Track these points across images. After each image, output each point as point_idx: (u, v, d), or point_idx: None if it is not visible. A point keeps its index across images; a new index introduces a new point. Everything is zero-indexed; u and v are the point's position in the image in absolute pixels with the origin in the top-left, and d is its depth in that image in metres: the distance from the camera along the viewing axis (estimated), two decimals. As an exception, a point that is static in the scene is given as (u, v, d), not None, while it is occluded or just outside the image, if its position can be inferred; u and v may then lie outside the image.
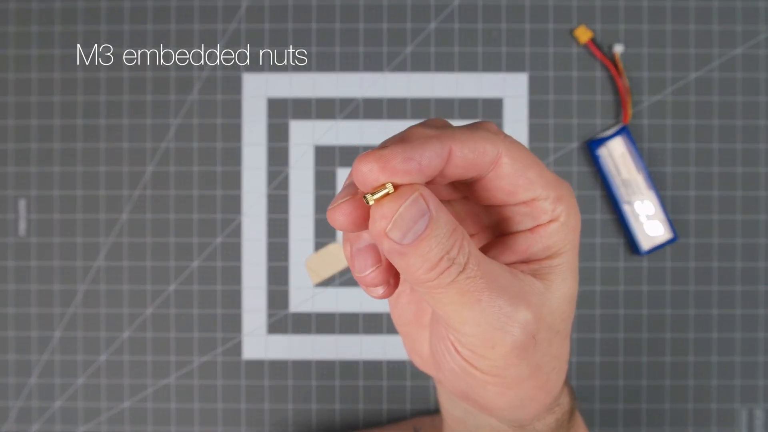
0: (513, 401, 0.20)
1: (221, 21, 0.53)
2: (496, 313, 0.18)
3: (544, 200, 0.20)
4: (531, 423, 0.23)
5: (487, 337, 0.18)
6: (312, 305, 0.53)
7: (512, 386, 0.20)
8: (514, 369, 0.19)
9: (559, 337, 0.20)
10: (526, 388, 0.20)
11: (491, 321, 0.18)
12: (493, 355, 0.19)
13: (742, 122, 0.53)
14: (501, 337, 0.18)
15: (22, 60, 0.53)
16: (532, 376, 0.20)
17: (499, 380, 0.20)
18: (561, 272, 0.20)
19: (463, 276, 0.18)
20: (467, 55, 0.53)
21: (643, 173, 0.51)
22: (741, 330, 0.53)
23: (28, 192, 0.53)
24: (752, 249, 0.53)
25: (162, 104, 0.53)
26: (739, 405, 0.53)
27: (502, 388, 0.20)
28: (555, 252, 0.20)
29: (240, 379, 0.53)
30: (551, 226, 0.20)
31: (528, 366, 0.19)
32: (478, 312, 0.18)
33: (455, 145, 0.18)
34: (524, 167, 0.19)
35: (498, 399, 0.20)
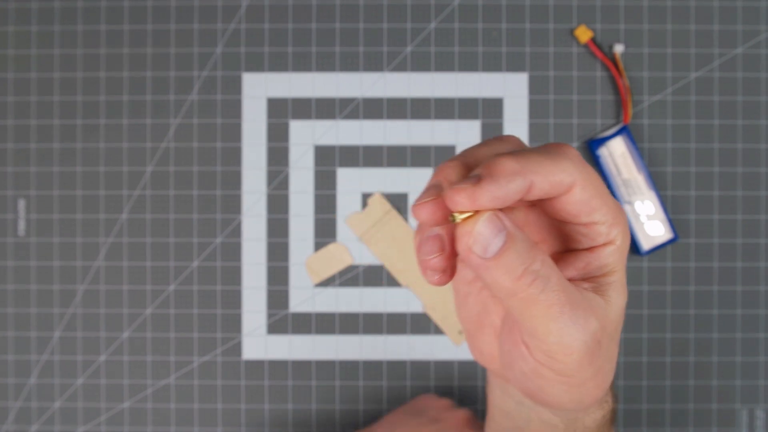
0: (575, 397, 0.23)
1: (221, 21, 0.53)
2: (575, 324, 0.21)
3: (602, 224, 0.22)
4: (582, 417, 0.26)
5: (567, 345, 0.21)
6: (312, 305, 0.53)
7: (578, 385, 0.23)
8: (583, 371, 0.22)
9: (613, 343, 0.23)
10: (587, 386, 0.23)
11: (572, 332, 0.21)
12: (569, 360, 0.21)
13: (743, 122, 0.53)
14: (578, 345, 0.21)
15: (21, 60, 0.53)
16: (595, 377, 0.23)
17: (568, 380, 0.22)
18: (616, 288, 0.23)
19: (549, 289, 0.20)
20: (467, 54, 0.53)
21: (643, 173, 0.51)
22: (741, 330, 0.53)
23: (27, 192, 0.53)
24: (753, 249, 0.53)
25: (162, 104, 0.53)
26: (739, 405, 0.52)
27: (570, 386, 0.23)
28: (609, 271, 0.23)
29: (240, 380, 0.53)
30: (607, 249, 0.22)
31: (593, 368, 0.22)
32: (561, 324, 0.21)
33: (536, 179, 0.20)
34: (591, 196, 0.22)
35: (564, 396, 0.23)
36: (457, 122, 0.53)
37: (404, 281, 0.53)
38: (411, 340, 0.53)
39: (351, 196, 0.53)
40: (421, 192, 0.22)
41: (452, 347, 0.53)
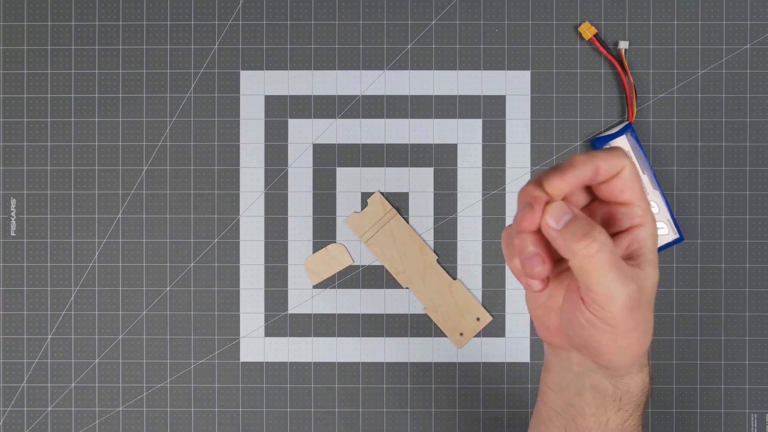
0: (620, 347, 0.30)
1: (218, 17, 0.53)
2: (619, 281, 0.28)
3: (637, 206, 0.30)
4: (626, 375, 0.32)
5: (612, 296, 0.28)
6: (311, 307, 0.53)
7: (622, 335, 0.29)
8: (625, 321, 0.29)
9: (650, 309, 0.31)
10: (629, 338, 0.30)
11: (616, 286, 0.28)
12: (613, 309, 0.28)
13: (751, 120, 0.52)
14: (620, 297, 0.28)
15: (13, 55, 0.53)
16: (634, 330, 0.30)
17: (614, 329, 0.29)
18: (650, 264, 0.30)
19: (603, 250, 0.28)
20: (469, 52, 0.53)
21: (648, 172, 0.51)
22: (749, 333, 0.52)
23: (19, 191, 0.53)
24: (761, 249, 0.52)
25: (158, 101, 0.53)
26: (749, 410, 0.52)
27: (615, 336, 0.29)
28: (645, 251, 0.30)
29: (238, 382, 0.52)
30: (642, 230, 0.30)
31: (633, 321, 0.29)
32: (609, 279, 0.28)
33: (600, 163, 0.29)
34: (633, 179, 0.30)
35: (611, 344, 0.30)
36: (458, 121, 0.53)
37: (404, 282, 0.52)
38: (411, 341, 0.52)
39: (350, 196, 0.53)
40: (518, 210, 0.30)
41: (453, 349, 0.52)
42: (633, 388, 0.33)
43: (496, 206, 0.53)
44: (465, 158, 0.53)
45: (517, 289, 0.52)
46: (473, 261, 0.52)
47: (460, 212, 0.53)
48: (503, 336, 0.52)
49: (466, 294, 0.52)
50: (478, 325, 0.52)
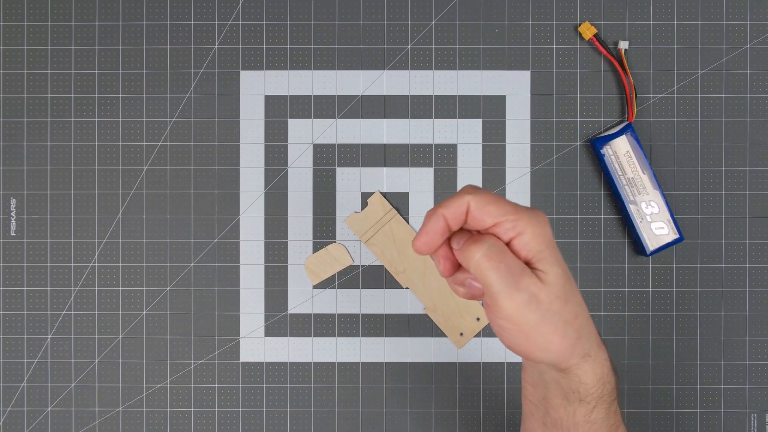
0: (537, 343, 0.32)
1: (218, 17, 0.53)
2: (508, 275, 0.31)
3: (504, 222, 0.32)
4: (569, 367, 0.33)
5: (503, 291, 0.31)
6: (311, 307, 0.53)
7: (529, 332, 0.32)
8: (524, 317, 0.31)
9: (560, 301, 0.32)
10: (541, 332, 0.32)
11: (504, 282, 0.31)
12: (507, 305, 0.31)
13: (750, 120, 0.52)
14: (510, 293, 0.31)
15: (13, 56, 0.53)
16: (542, 324, 0.32)
17: (518, 327, 0.32)
18: (547, 262, 0.32)
19: (491, 251, 0.31)
20: (469, 52, 0.53)
21: (648, 172, 0.51)
22: (749, 333, 0.52)
23: (19, 191, 0.53)
24: (761, 249, 0.52)
25: (158, 101, 0.53)
26: (749, 410, 0.52)
27: (523, 333, 0.32)
28: (534, 252, 0.32)
29: (238, 382, 0.52)
30: (521, 238, 0.32)
31: (535, 316, 0.31)
32: (497, 275, 0.31)
33: (445, 211, 0.32)
34: (484, 205, 0.32)
35: (526, 342, 0.32)
36: (458, 121, 0.53)
37: (404, 282, 0.52)
38: (411, 341, 0.52)
39: (350, 196, 0.53)
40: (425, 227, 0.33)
41: (453, 349, 0.52)
42: (585, 379, 0.34)
43: (496, 206, 0.53)
44: (465, 158, 0.53)
45: (517, 289, 0.53)
46: (473, 261, 0.52)
47: (460, 212, 0.53)
48: (503, 336, 0.53)
49: (466, 294, 0.52)
50: (478, 325, 0.52)
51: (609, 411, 0.35)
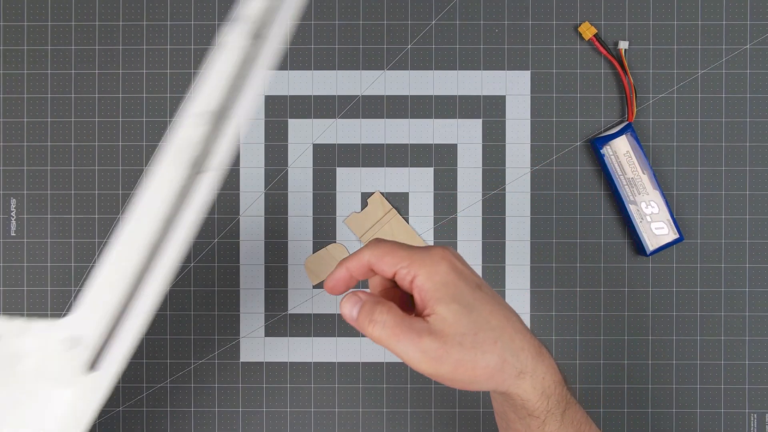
0: (464, 380, 0.33)
1: (218, 17, 0.53)
2: (411, 343, 0.32)
3: (402, 268, 0.33)
4: (507, 389, 0.34)
5: (412, 358, 0.32)
6: (311, 307, 0.53)
7: (452, 373, 0.32)
8: (441, 368, 0.32)
9: (468, 337, 0.33)
10: (464, 370, 0.32)
11: (410, 348, 0.32)
12: (422, 367, 0.32)
13: (750, 120, 0.52)
14: (419, 356, 0.32)
15: (12, 56, 0.53)
16: (459, 365, 0.32)
17: (440, 376, 0.32)
18: (439, 302, 0.33)
19: (387, 326, 0.32)
20: (469, 52, 0.53)
21: (648, 172, 0.51)
22: (749, 333, 0.52)
23: (19, 191, 0.53)
24: (760, 249, 0.52)
25: (158, 101, 0.53)
26: (748, 410, 0.52)
27: (449, 375, 0.32)
28: (429, 293, 0.33)
29: (238, 382, 0.52)
30: (417, 280, 0.33)
31: (451, 362, 0.32)
32: (401, 345, 0.32)
33: (348, 265, 0.35)
34: (380, 257, 0.34)
35: (455, 380, 0.33)
36: (458, 121, 0.53)
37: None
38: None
39: (350, 196, 0.53)
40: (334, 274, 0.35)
41: (453, 349, 0.52)
42: (527, 396, 0.34)
43: (496, 206, 0.53)
44: (465, 158, 0.53)
45: (517, 289, 0.52)
46: (473, 261, 0.52)
47: (460, 212, 0.53)
48: (503, 336, 0.52)
49: (466, 294, 0.52)
50: (477, 325, 0.52)
51: (563, 421, 0.35)
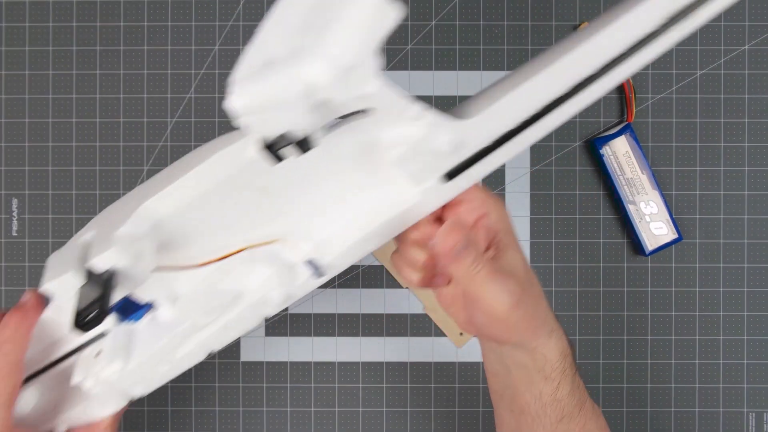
0: (516, 332, 0.33)
1: (219, 18, 0.53)
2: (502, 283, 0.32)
3: (473, 201, 0.34)
4: (537, 346, 0.34)
5: (499, 300, 0.32)
6: (311, 306, 0.53)
7: (513, 324, 0.33)
8: (513, 315, 0.32)
9: (528, 284, 0.34)
10: (520, 324, 0.33)
11: (500, 289, 0.32)
12: (501, 309, 0.32)
13: (749, 120, 0.52)
14: (504, 298, 0.32)
15: (14, 57, 0.53)
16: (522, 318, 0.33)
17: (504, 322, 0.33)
18: (509, 247, 0.34)
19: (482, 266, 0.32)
20: (469, 52, 0.53)
21: (647, 172, 0.51)
22: (748, 332, 0.52)
23: (20, 191, 0.53)
24: (759, 249, 0.52)
25: (159, 102, 0.53)
26: (747, 409, 0.52)
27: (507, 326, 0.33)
28: (501, 235, 0.34)
29: (238, 382, 0.52)
30: (489, 219, 0.34)
31: (520, 311, 0.32)
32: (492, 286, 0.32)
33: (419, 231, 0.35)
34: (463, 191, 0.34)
35: (506, 332, 0.33)
36: (458, 121, 0.53)
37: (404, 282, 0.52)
38: (411, 341, 0.52)
39: (350, 196, 0.53)
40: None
41: (453, 349, 0.52)
42: (549, 355, 0.34)
43: (495, 206, 0.53)
44: (465, 158, 0.53)
45: (516, 288, 0.52)
46: (473, 261, 0.52)
47: (460, 212, 0.53)
48: (503, 335, 0.53)
49: (466, 294, 0.52)
50: (477, 325, 0.52)
51: (573, 385, 0.36)
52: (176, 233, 0.33)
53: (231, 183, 0.31)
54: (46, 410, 0.37)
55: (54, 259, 0.34)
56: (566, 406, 0.35)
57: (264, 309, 0.35)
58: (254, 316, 0.35)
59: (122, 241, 0.30)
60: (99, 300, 0.29)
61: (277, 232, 0.34)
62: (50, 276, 0.33)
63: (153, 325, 0.35)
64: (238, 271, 0.35)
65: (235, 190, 0.32)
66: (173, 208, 0.31)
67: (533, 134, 0.32)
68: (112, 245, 0.30)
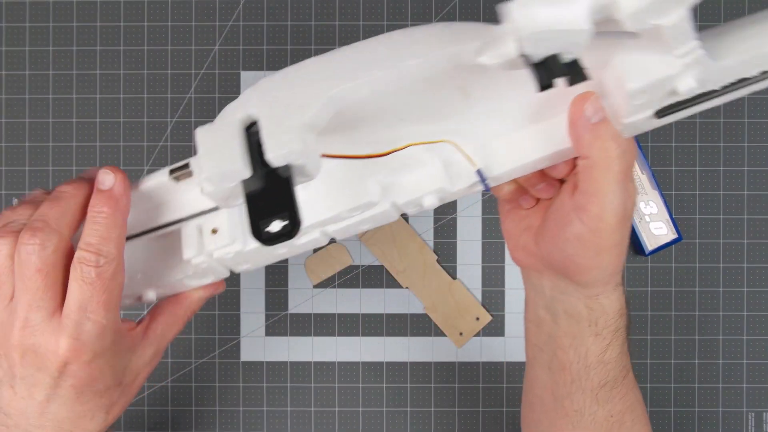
0: (602, 261, 0.30)
1: (219, 18, 0.53)
2: (624, 186, 0.29)
3: None
4: (600, 294, 0.32)
5: (616, 204, 0.29)
6: (311, 306, 0.53)
7: (606, 249, 0.30)
8: (613, 235, 0.29)
9: (629, 224, 0.30)
10: (612, 252, 0.30)
11: (619, 192, 0.29)
12: (611, 219, 0.29)
13: (749, 120, 0.52)
14: (620, 208, 0.29)
15: (14, 56, 0.53)
16: (618, 245, 0.30)
17: (600, 242, 0.29)
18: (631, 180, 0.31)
19: (623, 157, 0.29)
20: (468, 52, 0.53)
21: (647, 172, 0.51)
22: (747, 332, 0.52)
23: (21, 191, 0.53)
24: (759, 249, 0.52)
25: (159, 102, 0.53)
26: (746, 409, 0.52)
27: (599, 249, 0.30)
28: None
29: (238, 382, 0.52)
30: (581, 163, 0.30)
31: (619, 234, 0.29)
32: (616, 185, 0.29)
33: None
34: None
35: (593, 258, 0.30)
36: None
37: (404, 282, 0.52)
38: (411, 341, 0.52)
39: (350, 196, 0.53)
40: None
41: (453, 349, 0.52)
42: (608, 308, 0.32)
43: (495, 206, 0.53)
44: (465, 158, 0.53)
45: (516, 289, 0.53)
46: (473, 261, 0.52)
47: (460, 212, 0.53)
48: (502, 335, 0.53)
49: (466, 294, 0.52)
50: (477, 325, 0.52)
51: (622, 350, 0.33)
52: (349, 120, 0.29)
53: (441, 77, 0.28)
54: (135, 275, 0.35)
55: (206, 135, 0.28)
56: (612, 370, 0.33)
57: (410, 208, 0.32)
58: (395, 214, 0.32)
59: (304, 131, 0.25)
60: (285, 205, 0.24)
61: (453, 133, 0.31)
62: (207, 159, 0.27)
63: None
64: (402, 165, 0.31)
65: (435, 85, 0.29)
66: (366, 97, 0.27)
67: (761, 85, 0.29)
68: (294, 135, 0.25)
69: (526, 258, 0.34)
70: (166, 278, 0.34)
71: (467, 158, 0.31)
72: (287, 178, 0.25)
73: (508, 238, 0.35)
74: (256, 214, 0.25)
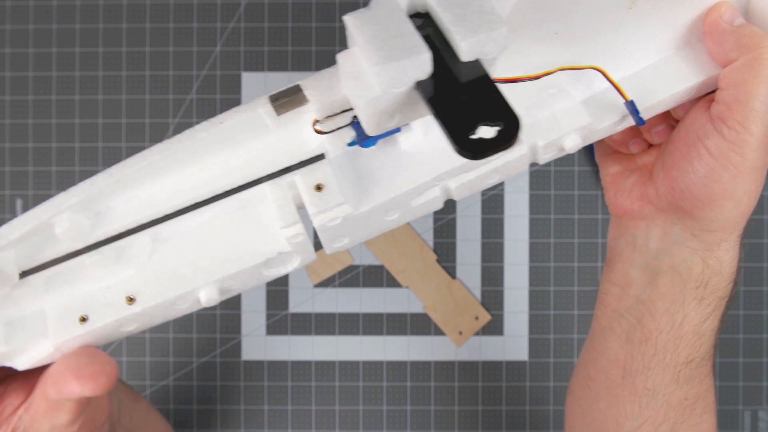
0: (739, 189, 0.27)
1: (220, 19, 0.53)
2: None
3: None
4: (723, 242, 0.28)
5: (760, 110, 0.25)
6: (311, 306, 0.53)
7: (746, 172, 0.26)
8: (755, 151, 0.26)
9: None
10: (750, 178, 0.26)
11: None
12: (754, 128, 0.25)
13: None
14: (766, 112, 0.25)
15: (18, 58, 0.53)
16: (758, 169, 0.26)
17: (741, 162, 0.26)
18: None
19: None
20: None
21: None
22: (744, 331, 0.52)
23: (24, 191, 0.53)
24: (757, 249, 0.52)
25: (160, 103, 0.53)
26: (742, 407, 0.52)
27: (738, 171, 0.26)
28: None
29: (239, 381, 0.52)
30: None
31: (761, 155, 0.26)
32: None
33: None
34: None
35: (730, 184, 0.26)
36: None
37: (404, 281, 0.52)
38: (411, 340, 0.52)
39: (351, 196, 0.53)
40: None
41: (452, 348, 0.52)
42: (726, 266, 0.29)
43: (495, 206, 0.53)
44: (464, 159, 0.53)
45: (515, 288, 0.53)
46: (472, 260, 0.53)
47: (460, 212, 0.53)
48: (502, 335, 0.53)
49: (466, 293, 0.52)
50: (477, 324, 0.52)
51: (719, 325, 0.30)
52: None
53: None
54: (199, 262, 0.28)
55: (364, 21, 0.21)
56: (704, 345, 0.29)
57: (548, 153, 0.28)
58: (527, 159, 0.27)
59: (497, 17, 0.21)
60: (494, 106, 0.19)
61: (600, 59, 0.28)
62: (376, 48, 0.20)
63: (390, 159, 0.26)
64: (542, 99, 0.27)
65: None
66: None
67: None
68: (494, 16, 0.20)
69: (632, 203, 0.31)
70: (237, 266, 0.27)
71: (617, 88, 0.27)
72: (485, 74, 0.20)
73: (611, 184, 0.32)
74: (453, 121, 0.19)
